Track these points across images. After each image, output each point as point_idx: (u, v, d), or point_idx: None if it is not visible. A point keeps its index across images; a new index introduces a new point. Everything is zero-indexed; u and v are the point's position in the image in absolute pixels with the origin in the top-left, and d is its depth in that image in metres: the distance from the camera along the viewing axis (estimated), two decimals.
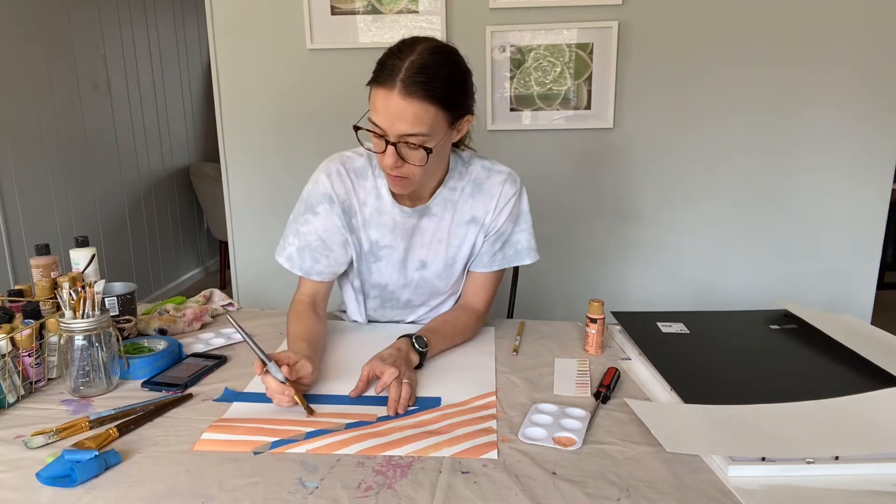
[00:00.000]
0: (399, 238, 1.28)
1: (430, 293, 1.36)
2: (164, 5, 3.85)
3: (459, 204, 1.28)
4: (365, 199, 1.27)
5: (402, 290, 1.34)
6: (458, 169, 1.27)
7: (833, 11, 1.98)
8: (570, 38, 2.06)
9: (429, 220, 1.28)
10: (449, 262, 1.31)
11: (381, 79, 1.06)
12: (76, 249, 1.32)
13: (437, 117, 1.07)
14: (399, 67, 1.04)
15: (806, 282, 2.18)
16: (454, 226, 1.28)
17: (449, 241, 1.29)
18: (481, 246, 1.31)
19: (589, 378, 1.11)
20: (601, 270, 2.26)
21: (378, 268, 1.31)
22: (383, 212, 1.26)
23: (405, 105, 1.04)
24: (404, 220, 1.26)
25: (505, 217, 1.29)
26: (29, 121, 2.79)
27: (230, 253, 2.37)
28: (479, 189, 1.28)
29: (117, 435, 0.91)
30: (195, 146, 4.28)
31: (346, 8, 2.10)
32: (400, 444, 0.89)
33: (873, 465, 0.82)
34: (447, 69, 1.09)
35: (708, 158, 2.14)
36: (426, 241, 1.29)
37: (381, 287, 1.34)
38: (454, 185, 1.27)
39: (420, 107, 1.05)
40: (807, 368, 1.12)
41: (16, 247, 2.73)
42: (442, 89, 1.06)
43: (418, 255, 1.30)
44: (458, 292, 1.39)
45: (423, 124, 1.06)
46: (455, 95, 1.10)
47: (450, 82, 1.08)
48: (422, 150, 1.09)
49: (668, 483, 0.80)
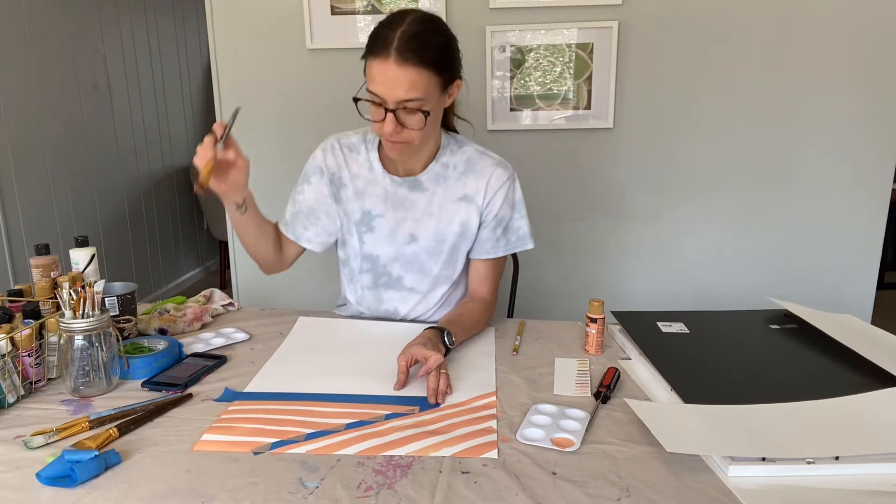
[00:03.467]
0: (390, 208, 1.34)
1: (421, 272, 1.37)
2: (164, 5, 3.85)
3: (451, 181, 1.33)
4: (357, 171, 1.35)
5: (393, 265, 1.37)
6: (450, 147, 1.34)
7: (833, 12, 1.98)
8: (570, 38, 2.06)
9: (420, 195, 1.33)
10: (439, 237, 1.34)
11: (375, 49, 1.13)
12: (76, 249, 1.32)
13: (431, 82, 1.15)
14: (392, 38, 1.12)
15: (806, 282, 2.18)
16: (445, 201, 1.33)
17: (439, 217, 1.33)
18: (476, 229, 1.34)
19: (589, 378, 1.11)
20: (601, 270, 2.26)
21: (371, 238, 1.36)
22: (375, 182, 1.34)
23: (401, 72, 1.11)
24: (395, 189, 1.33)
25: (500, 201, 1.33)
26: (29, 121, 2.79)
27: (230, 253, 2.37)
28: (472, 168, 1.33)
29: (117, 435, 0.91)
30: (195, 146, 4.26)
31: (346, 8, 2.10)
32: (400, 444, 0.89)
33: (873, 465, 0.82)
34: (437, 36, 1.17)
35: (708, 158, 2.14)
36: (417, 216, 1.33)
37: (372, 259, 1.38)
38: (446, 162, 1.33)
39: (415, 72, 1.12)
40: (807, 368, 1.12)
41: (16, 247, 2.73)
42: (433, 55, 1.14)
43: (409, 228, 1.34)
44: (450, 279, 1.39)
45: (419, 89, 1.13)
46: (445, 60, 1.18)
47: (440, 48, 1.16)
48: (420, 114, 1.16)
49: (668, 483, 0.80)
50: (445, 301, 1.42)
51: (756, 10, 2.00)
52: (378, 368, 1.15)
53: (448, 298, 1.42)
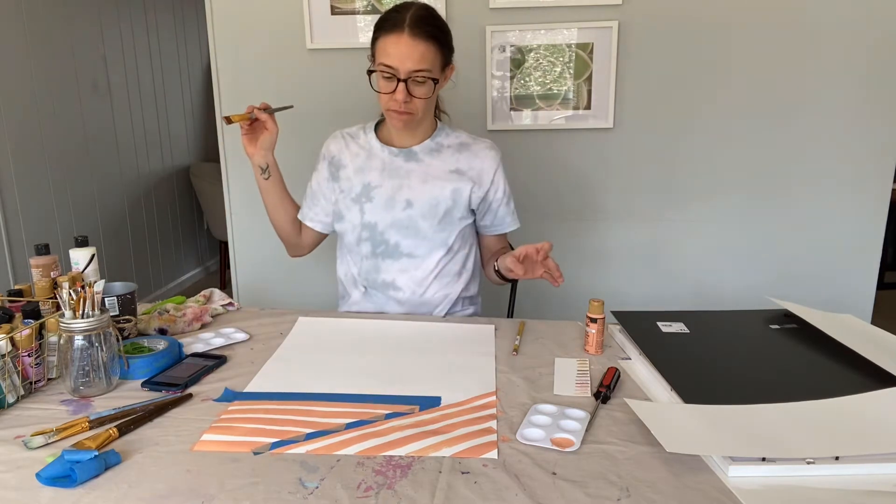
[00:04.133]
0: (387, 178, 1.46)
1: (416, 235, 1.45)
2: (164, 5, 3.85)
3: (445, 156, 1.47)
4: (357, 151, 1.50)
5: (390, 230, 1.45)
6: (445, 130, 1.50)
7: (833, 11, 1.98)
8: (570, 38, 2.06)
9: (416, 164, 1.46)
10: (433, 201, 1.44)
11: (388, 27, 1.31)
12: (76, 249, 1.32)
13: (437, 56, 1.33)
14: (403, 17, 1.30)
15: (806, 281, 2.18)
16: (439, 171, 1.46)
17: (433, 183, 1.45)
18: (468, 200, 1.45)
19: (589, 378, 1.11)
20: (601, 270, 2.26)
21: (370, 207, 1.46)
22: (373, 156, 1.48)
23: (414, 44, 1.29)
24: (392, 159, 1.47)
25: (502, 179, 1.50)
26: (29, 121, 2.79)
27: (230, 253, 2.37)
28: (466, 148, 1.48)
29: (117, 435, 0.91)
30: (195, 146, 4.28)
31: (346, 8, 2.10)
32: (400, 444, 0.89)
33: (873, 465, 0.82)
34: (439, 20, 1.36)
35: (708, 158, 2.14)
36: (413, 183, 1.45)
37: (371, 227, 1.46)
38: (441, 141, 1.49)
39: (425, 46, 1.30)
40: (807, 368, 1.12)
41: (16, 247, 2.73)
42: (438, 33, 1.33)
43: (405, 194, 1.45)
44: (445, 244, 1.46)
45: (428, 61, 1.31)
46: (446, 41, 1.37)
47: (442, 29, 1.36)
48: (429, 83, 1.33)
49: (668, 483, 0.80)
50: (442, 270, 1.46)
51: (756, 10, 2.00)
52: (378, 368, 1.15)
53: (444, 268, 1.47)
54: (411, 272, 1.46)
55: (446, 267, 1.47)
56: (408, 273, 1.46)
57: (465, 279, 1.52)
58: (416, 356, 1.21)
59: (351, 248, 1.51)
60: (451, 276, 1.49)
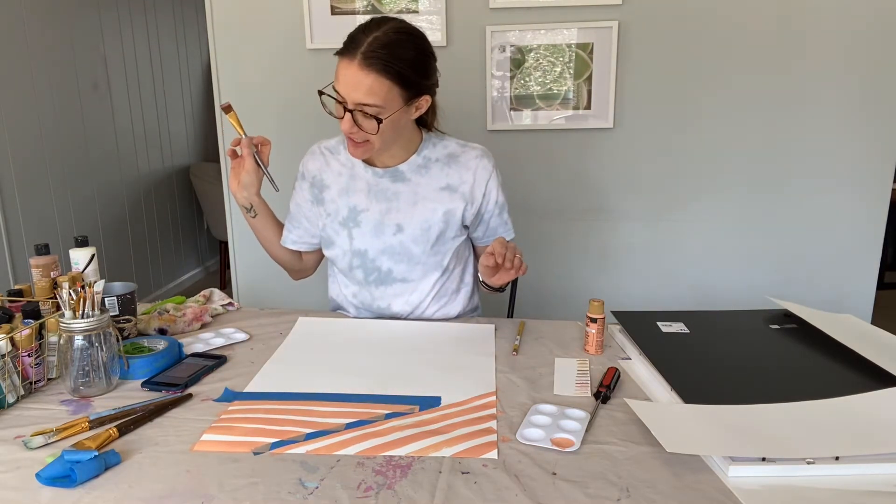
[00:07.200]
0: (374, 201, 1.37)
1: (409, 261, 1.37)
2: (164, 5, 3.85)
3: (433, 172, 1.37)
4: (339, 170, 1.40)
5: (381, 257, 1.38)
6: (432, 141, 1.38)
7: (833, 11, 1.98)
8: (570, 38, 2.06)
9: (404, 185, 1.36)
10: (424, 225, 1.36)
11: (344, 49, 1.19)
12: (76, 249, 1.32)
13: (392, 92, 1.18)
14: (362, 41, 1.16)
15: (806, 282, 2.18)
16: (429, 190, 1.36)
17: (424, 205, 1.36)
18: (461, 218, 1.37)
19: (589, 378, 1.11)
20: (601, 270, 2.26)
21: (359, 233, 1.38)
22: (357, 177, 1.38)
23: (362, 76, 1.16)
24: (377, 181, 1.37)
25: (495, 189, 1.39)
26: (29, 121, 2.79)
27: (230, 253, 2.37)
28: (455, 160, 1.37)
29: (117, 435, 0.91)
30: (195, 146, 4.28)
31: (346, 8, 2.10)
32: (400, 444, 0.89)
33: (873, 465, 0.82)
34: (408, 49, 1.19)
35: (708, 158, 2.14)
36: (402, 206, 1.36)
37: (361, 255, 1.39)
38: (428, 155, 1.37)
39: (375, 80, 1.16)
40: (807, 368, 1.11)
41: (16, 247, 2.73)
42: (398, 67, 1.17)
43: (395, 218, 1.36)
44: (439, 266, 1.39)
45: (377, 96, 1.17)
46: (413, 75, 1.20)
47: (408, 62, 1.18)
48: (374, 120, 1.19)
49: (668, 483, 0.80)
50: (439, 291, 1.41)
51: (756, 10, 2.00)
52: (378, 368, 1.15)
53: (441, 288, 1.42)
54: (406, 297, 1.40)
55: (443, 287, 1.42)
56: (403, 297, 1.40)
57: (465, 294, 1.47)
58: (416, 356, 1.21)
59: (344, 272, 1.44)
60: (448, 295, 1.44)
